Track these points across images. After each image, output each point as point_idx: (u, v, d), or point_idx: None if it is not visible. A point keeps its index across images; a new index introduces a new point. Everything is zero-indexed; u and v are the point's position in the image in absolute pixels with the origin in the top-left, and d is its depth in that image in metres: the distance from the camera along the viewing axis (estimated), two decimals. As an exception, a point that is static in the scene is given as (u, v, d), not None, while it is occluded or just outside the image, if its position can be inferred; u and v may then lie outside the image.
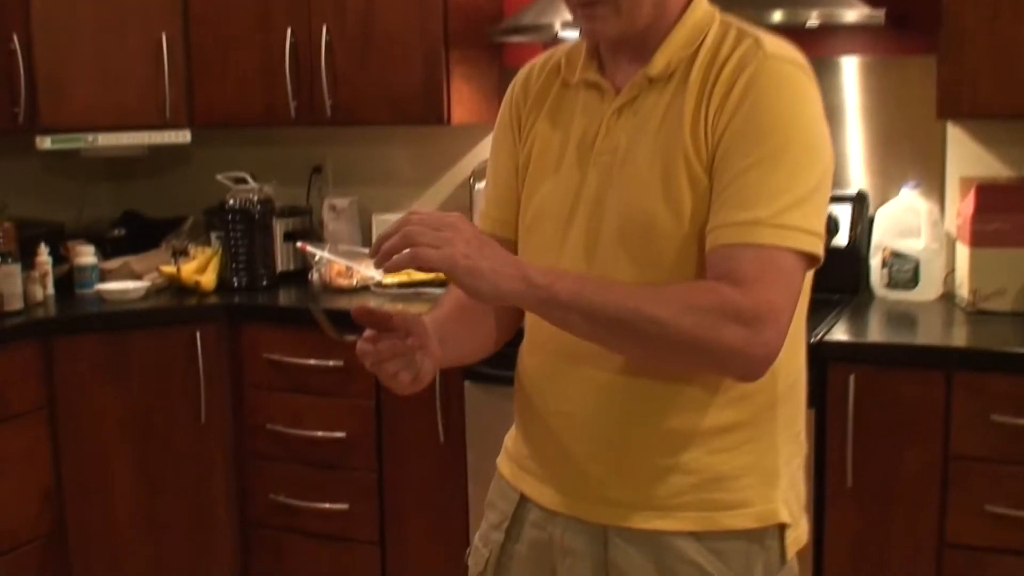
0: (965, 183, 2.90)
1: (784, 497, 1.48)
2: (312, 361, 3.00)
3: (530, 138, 1.55)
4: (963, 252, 2.82)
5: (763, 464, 1.46)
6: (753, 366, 1.32)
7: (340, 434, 3.00)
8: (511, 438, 1.65)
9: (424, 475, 2.94)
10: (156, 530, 3.10)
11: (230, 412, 3.15)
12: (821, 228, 1.34)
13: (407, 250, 1.25)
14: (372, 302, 3.11)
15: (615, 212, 1.42)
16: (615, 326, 1.30)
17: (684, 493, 1.44)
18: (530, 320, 1.55)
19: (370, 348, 1.35)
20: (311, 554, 3.10)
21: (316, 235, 3.56)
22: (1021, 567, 2.43)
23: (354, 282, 3.24)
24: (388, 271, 1.28)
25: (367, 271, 3.26)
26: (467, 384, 2.82)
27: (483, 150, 3.50)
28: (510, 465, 1.61)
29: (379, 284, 3.23)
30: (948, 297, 2.92)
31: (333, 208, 3.55)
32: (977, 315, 2.74)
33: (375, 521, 3.01)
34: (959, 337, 2.65)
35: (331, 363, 2.97)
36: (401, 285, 3.19)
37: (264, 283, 3.32)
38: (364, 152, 3.66)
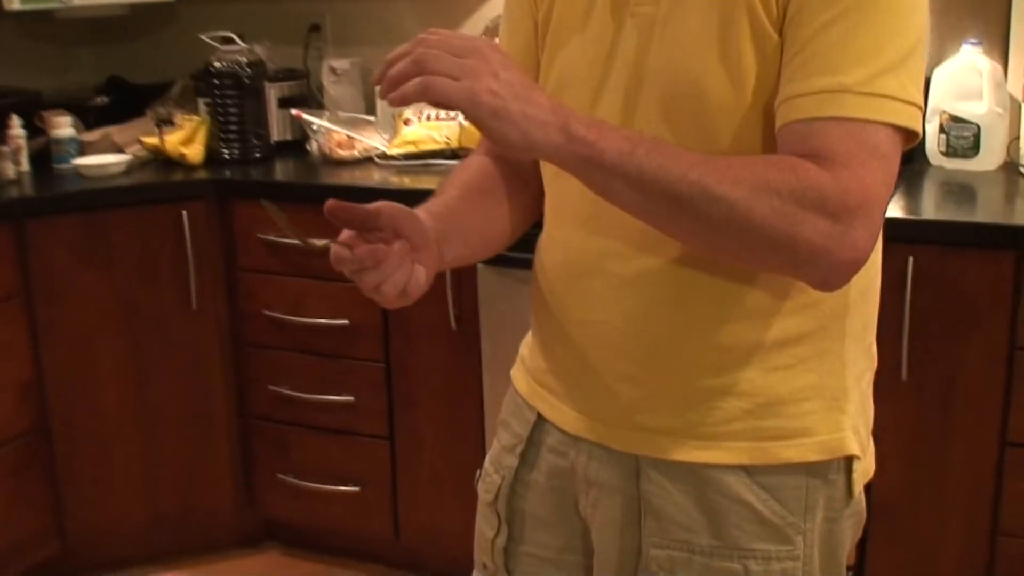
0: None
1: (853, 424, 1.25)
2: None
3: None
4: (1033, 116, 2.54)
5: (829, 384, 1.23)
6: (836, 271, 1.07)
7: (343, 321, 2.79)
8: (527, 346, 1.42)
9: (435, 365, 2.74)
10: (148, 425, 2.92)
11: (224, 298, 2.93)
12: (920, 97, 1.08)
13: (418, 79, 1.01)
14: (376, 175, 2.86)
15: (658, 80, 1.16)
16: (670, 202, 1.05)
17: (734, 420, 1.21)
18: (552, 205, 1.30)
19: (346, 254, 1.12)
20: (317, 448, 2.92)
21: (315, 101, 3.30)
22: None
23: (356, 153, 2.99)
24: (394, 104, 1.04)
25: (370, 141, 3.01)
26: (480, 267, 2.59)
27: (497, 3, 3.19)
28: (526, 379, 1.39)
29: (384, 156, 2.97)
30: (1012, 167, 2.66)
31: (333, 70, 3.27)
32: (1048, 187, 2.48)
33: (383, 414, 2.82)
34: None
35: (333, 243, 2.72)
36: (409, 156, 2.93)
37: (257, 155, 3.06)
38: (366, 8, 3.36)
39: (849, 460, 1.25)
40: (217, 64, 3.01)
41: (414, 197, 2.63)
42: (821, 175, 1.03)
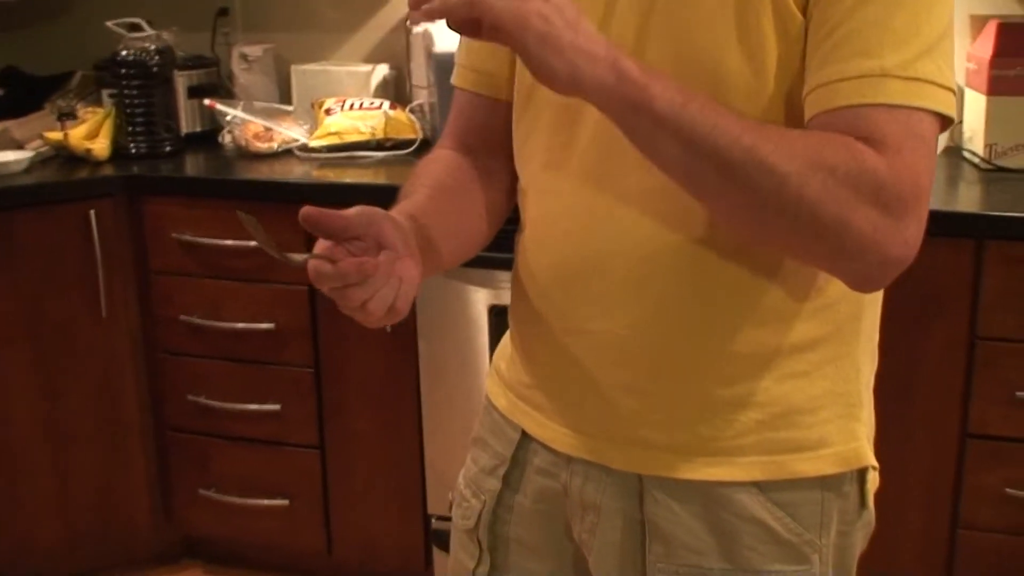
0: (976, 21, 2.61)
1: (867, 432, 1.19)
2: (231, 241, 2.63)
3: None
4: (977, 101, 2.53)
5: (844, 391, 1.17)
6: (882, 268, 1.00)
7: (268, 325, 2.65)
8: (504, 358, 1.32)
9: (368, 370, 2.63)
10: (60, 439, 2.75)
11: (136, 303, 2.77)
12: (953, 82, 1.01)
13: None
14: (297, 168, 2.73)
15: (666, 53, 1.09)
16: (718, 166, 0.96)
17: (747, 432, 1.14)
18: (541, 200, 1.20)
19: (328, 269, 1.00)
20: (241, 460, 2.78)
21: (225, 90, 3.15)
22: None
23: (275, 145, 2.85)
24: (427, 18, 0.94)
25: (290, 132, 2.87)
26: (416, 265, 2.47)
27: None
28: (506, 394, 1.30)
29: (305, 148, 2.84)
30: (954, 152, 2.64)
31: (244, 58, 3.13)
32: (994, 172, 2.46)
33: (313, 422, 2.70)
34: (989, 201, 2.35)
35: (255, 242, 2.58)
36: (332, 148, 2.80)
37: (168, 148, 2.90)
38: (278, -10, 3.22)
39: (863, 470, 1.18)
40: (124, 52, 2.83)
41: (342, 192, 2.58)
42: (879, 160, 0.96)
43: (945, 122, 1.01)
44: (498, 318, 2.45)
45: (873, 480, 1.21)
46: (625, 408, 1.15)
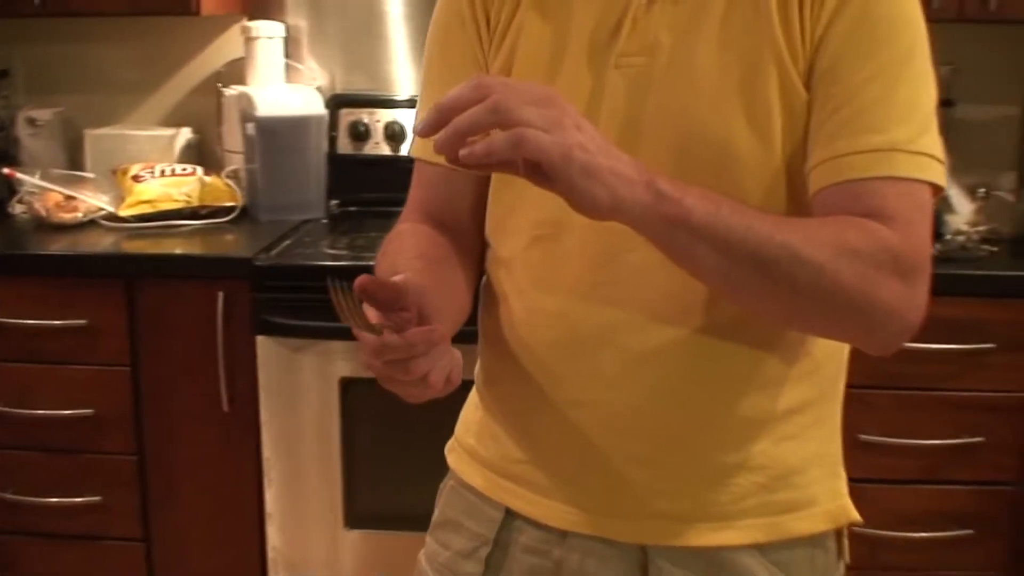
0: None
1: (846, 488, 1.25)
2: (43, 321, 2.47)
3: (510, 35, 1.20)
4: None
5: (828, 451, 1.25)
6: (902, 334, 1.07)
7: (87, 411, 2.50)
8: (474, 435, 1.31)
9: (201, 453, 2.52)
10: None
11: (-69, 391, 2.55)
12: (943, 154, 1.10)
13: (512, 131, 0.90)
14: (107, 239, 2.61)
15: (668, 137, 1.11)
16: (756, 265, 1.00)
17: (748, 495, 1.18)
18: (534, 274, 1.20)
19: (398, 341, 0.96)
20: (56, 558, 2.60)
21: (12, 156, 2.96)
22: (892, 495, 2.38)
23: (80, 215, 2.70)
24: (467, 162, 0.92)
25: (93, 200, 2.73)
26: (260, 339, 2.41)
27: (227, 46, 3.02)
28: (483, 473, 1.28)
29: (113, 217, 2.71)
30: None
31: (32, 122, 2.97)
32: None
33: (136, 513, 2.55)
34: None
35: (69, 321, 2.45)
36: (144, 217, 2.69)
37: (-45, 221, 2.70)
38: (64, 51, 3.08)
39: (841, 527, 1.25)
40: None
41: (161, 263, 2.48)
42: (891, 235, 1.03)
43: (937, 192, 1.10)
44: (349, 390, 2.41)
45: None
46: (635, 479, 1.17)
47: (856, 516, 1.24)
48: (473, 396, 1.33)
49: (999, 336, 2.36)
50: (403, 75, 3.02)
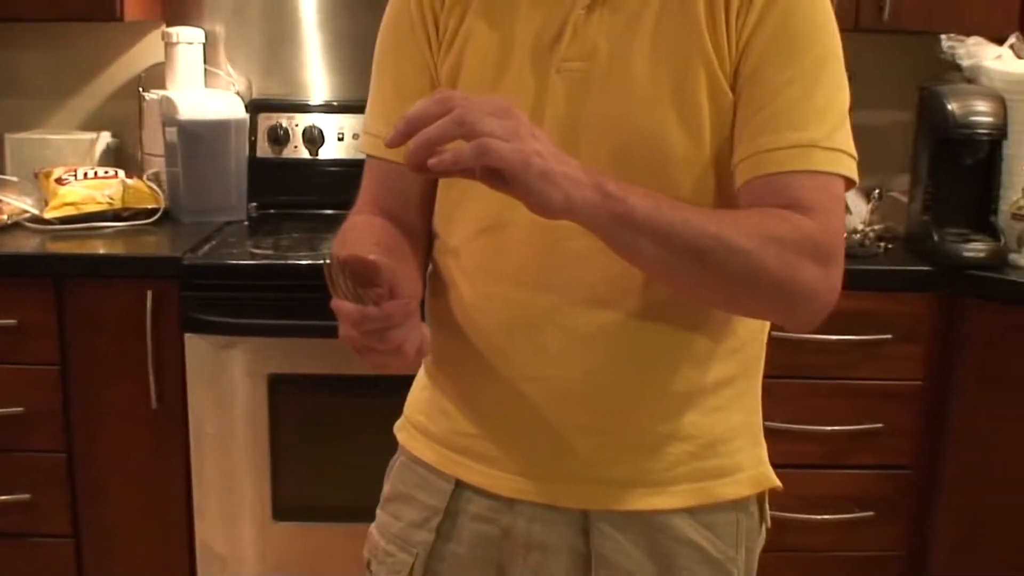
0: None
1: (767, 456, 1.38)
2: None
3: (458, 41, 1.30)
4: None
5: (751, 421, 1.38)
6: (820, 312, 1.20)
7: (17, 409, 2.53)
8: (426, 413, 1.41)
9: (129, 450, 2.56)
10: None
11: None
12: (855, 151, 1.23)
13: (476, 141, 1.00)
14: (31, 241, 2.64)
15: (607, 137, 1.23)
16: (692, 256, 1.12)
17: (680, 463, 1.30)
18: (477, 262, 1.31)
19: (377, 312, 1.06)
20: (-18, 557, 2.61)
21: (-71, 161, 2.97)
22: (798, 479, 2.52)
23: (4, 217, 2.73)
24: (436, 170, 1.02)
25: (17, 203, 2.76)
26: (188, 337, 2.46)
27: (146, 51, 3.06)
28: (433, 448, 1.38)
29: (37, 219, 2.74)
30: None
31: (-52, 128, 2.97)
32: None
33: (65, 510, 2.59)
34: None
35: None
36: (67, 220, 2.72)
37: None
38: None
39: (763, 492, 1.37)
40: None
41: (87, 263, 2.52)
42: (810, 224, 1.16)
43: (850, 185, 1.23)
44: (277, 386, 2.48)
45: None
46: (578, 447, 1.28)
47: (776, 482, 1.36)
48: (422, 376, 1.43)
49: (895, 327, 2.53)
50: (318, 81, 3.10)
